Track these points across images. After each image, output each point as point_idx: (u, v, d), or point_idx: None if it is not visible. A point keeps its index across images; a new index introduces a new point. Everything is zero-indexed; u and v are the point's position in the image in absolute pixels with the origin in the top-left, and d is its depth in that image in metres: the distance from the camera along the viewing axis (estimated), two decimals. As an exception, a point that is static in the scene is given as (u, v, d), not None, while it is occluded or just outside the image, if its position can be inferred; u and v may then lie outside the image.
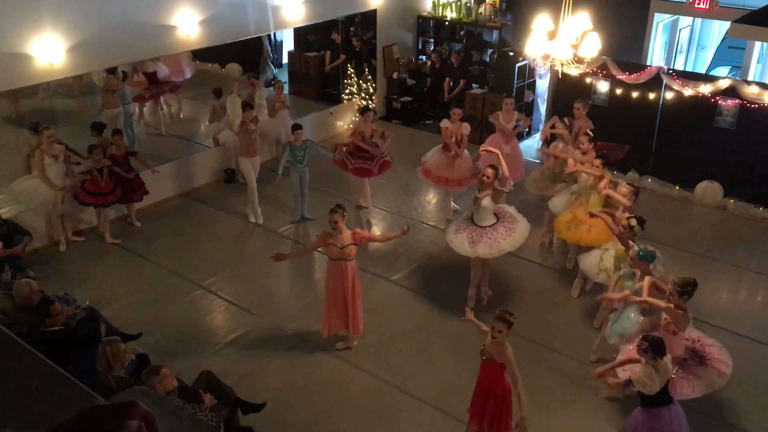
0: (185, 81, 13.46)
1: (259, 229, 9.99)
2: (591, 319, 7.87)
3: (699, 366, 5.93)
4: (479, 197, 7.62)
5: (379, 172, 9.92)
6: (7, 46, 7.85)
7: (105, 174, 9.00)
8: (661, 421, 5.27)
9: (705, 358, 5.98)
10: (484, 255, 7.58)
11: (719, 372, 5.92)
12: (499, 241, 7.54)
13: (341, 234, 6.89)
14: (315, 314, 7.69)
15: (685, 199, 10.82)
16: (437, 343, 7.54)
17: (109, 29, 8.70)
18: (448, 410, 6.51)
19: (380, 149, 9.74)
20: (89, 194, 9.02)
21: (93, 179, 8.96)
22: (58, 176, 8.81)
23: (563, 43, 7.37)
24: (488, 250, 7.54)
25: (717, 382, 5.93)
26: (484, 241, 7.55)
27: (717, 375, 5.92)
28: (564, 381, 6.98)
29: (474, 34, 13.65)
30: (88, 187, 8.99)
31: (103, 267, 8.93)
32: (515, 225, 7.68)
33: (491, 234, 7.58)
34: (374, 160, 9.75)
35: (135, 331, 7.00)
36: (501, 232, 7.59)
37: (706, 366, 5.93)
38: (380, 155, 9.77)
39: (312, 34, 14.04)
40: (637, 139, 10.95)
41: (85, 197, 9.02)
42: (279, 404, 6.50)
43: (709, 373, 5.91)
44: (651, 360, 5.20)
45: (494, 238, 7.55)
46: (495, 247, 7.54)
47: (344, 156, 9.85)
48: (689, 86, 10.37)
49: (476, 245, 7.56)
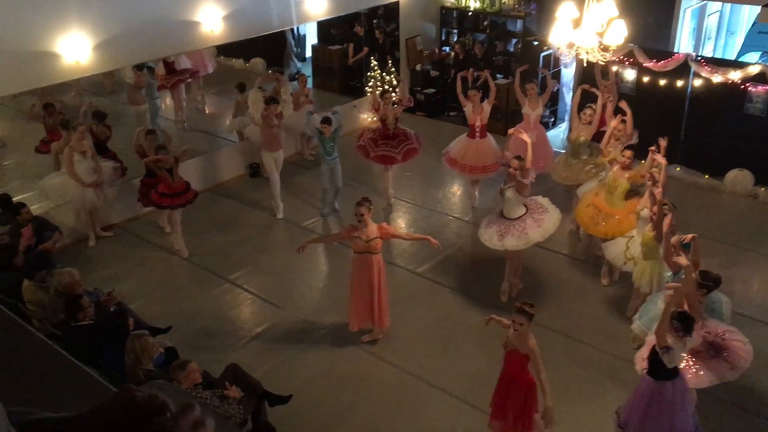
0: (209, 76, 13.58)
1: (283, 223, 10.03)
2: (619, 309, 7.79)
3: (712, 358, 5.83)
4: (504, 189, 7.56)
5: (404, 159, 9.88)
6: (35, 45, 7.95)
7: (175, 173, 8.65)
8: (664, 393, 5.24)
9: (722, 350, 5.86)
10: (512, 247, 7.53)
11: (732, 365, 5.80)
12: (527, 233, 7.47)
13: (367, 227, 6.89)
14: (340, 307, 7.71)
15: (714, 188, 10.64)
16: (462, 335, 7.52)
17: (134, 26, 8.77)
18: (473, 402, 6.50)
19: (409, 135, 9.73)
20: (164, 196, 8.71)
21: (164, 180, 8.65)
22: (88, 172, 8.93)
23: (588, 31, 7.25)
24: (516, 242, 7.49)
25: (728, 374, 5.82)
26: (511, 233, 7.50)
27: (729, 368, 5.80)
28: (592, 373, 6.93)
29: (498, 24, 13.53)
30: (161, 189, 8.68)
31: (132, 262, 9.04)
32: (544, 216, 7.60)
33: (519, 225, 7.52)
34: (399, 147, 9.71)
35: (164, 325, 7.08)
36: (529, 223, 7.52)
37: (719, 359, 5.81)
38: (407, 142, 9.73)
39: (335, 27, 14.04)
40: (665, 128, 10.71)
41: (159, 200, 8.72)
42: (305, 396, 6.54)
43: (720, 365, 5.79)
44: (680, 337, 5.14)
45: (522, 229, 7.48)
46: (523, 238, 7.48)
47: (367, 143, 9.83)
48: (718, 73, 10.18)
49: (504, 238, 7.51)
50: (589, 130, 8.98)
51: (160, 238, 9.54)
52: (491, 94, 9.69)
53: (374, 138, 9.82)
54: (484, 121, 9.67)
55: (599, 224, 7.99)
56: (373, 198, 7.37)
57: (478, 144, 9.68)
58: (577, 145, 9.05)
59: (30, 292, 6.66)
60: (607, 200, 8.01)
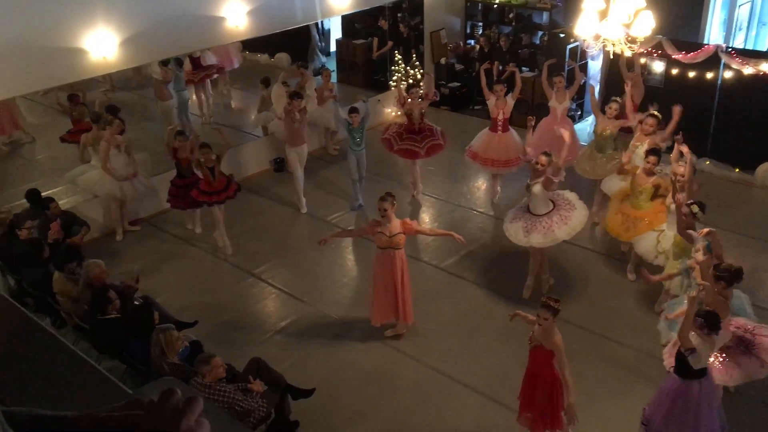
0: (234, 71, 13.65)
1: (307, 217, 10.06)
2: (645, 305, 7.69)
3: (742, 354, 5.71)
4: (530, 185, 7.47)
5: (427, 155, 9.83)
6: (62, 41, 8.05)
7: (216, 171, 8.58)
8: (689, 393, 5.14)
9: (752, 346, 5.75)
10: (537, 244, 7.47)
11: (762, 362, 5.68)
12: (554, 230, 7.38)
13: (390, 222, 6.86)
14: (364, 302, 7.71)
15: (745, 182, 10.44)
16: (486, 330, 7.48)
17: (160, 22, 8.84)
18: (497, 397, 6.46)
19: (434, 131, 9.70)
20: (203, 193, 8.64)
21: (205, 178, 8.61)
22: (122, 166, 9.07)
23: (615, 23, 7.15)
24: (542, 239, 7.41)
25: (758, 372, 5.71)
26: (538, 229, 7.42)
27: (759, 365, 5.69)
28: (618, 369, 6.85)
29: (523, 16, 13.40)
30: (201, 186, 8.65)
31: (158, 256, 9.13)
32: (571, 213, 7.49)
33: (545, 222, 7.42)
34: (423, 142, 9.67)
35: (189, 319, 7.14)
36: (555, 220, 7.42)
37: (749, 355, 5.70)
38: (432, 137, 9.69)
39: (359, 21, 14.01)
40: (694, 121, 10.59)
41: (199, 196, 8.68)
42: (328, 390, 6.56)
43: (750, 362, 5.68)
44: (706, 336, 5.05)
45: (548, 227, 7.39)
46: (549, 236, 7.39)
47: (392, 136, 9.81)
48: (749, 64, 9.97)
49: (530, 234, 7.44)
50: (615, 123, 8.87)
51: (186, 233, 9.61)
52: (516, 89, 9.61)
53: (399, 132, 9.80)
54: (507, 115, 9.60)
55: (630, 230, 7.88)
56: (396, 192, 7.35)
57: (500, 138, 9.62)
58: (603, 138, 8.94)
59: (60, 283, 6.77)
60: (634, 204, 7.91)
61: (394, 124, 10.00)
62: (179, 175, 9.07)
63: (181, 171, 9.05)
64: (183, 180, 9.03)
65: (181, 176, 9.05)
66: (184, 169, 9.01)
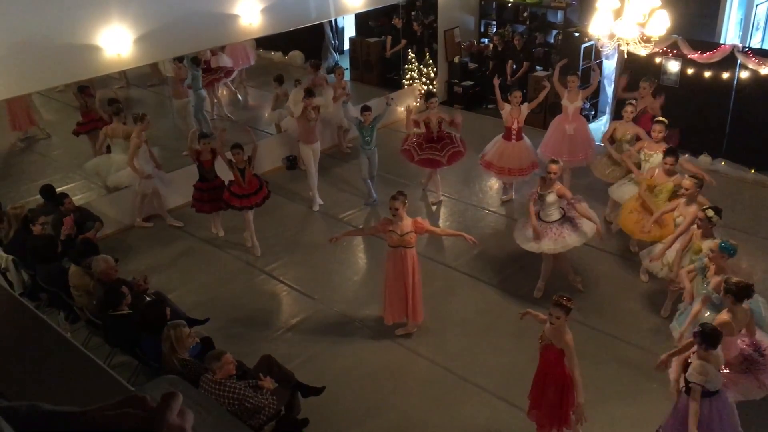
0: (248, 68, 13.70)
1: (320, 215, 10.07)
2: (656, 306, 7.63)
3: (742, 372, 5.60)
4: (543, 194, 7.46)
5: (449, 163, 9.80)
6: (77, 38, 8.10)
7: (247, 173, 8.43)
8: (700, 410, 5.04)
9: (758, 366, 5.63)
10: (548, 250, 7.51)
11: (762, 384, 5.58)
12: (564, 236, 7.43)
13: (402, 221, 6.86)
14: (375, 300, 7.71)
15: (761, 183, 10.34)
16: (498, 330, 7.45)
17: (175, 19, 8.88)
18: (508, 397, 6.44)
19: (454, 139, 9.69)
20: (235, 196, 8.50)
21: (236, 179, 8.43)
22: (147, 161, 9.22)
23: (629, 22, 7.11)
24: (553, 245, 7.46)
25: (754, 392, 5.61)
26: (549, 236, 7.46)
27: (757, 386, 5.58)
28: (629, 370, 6.80)
29: (537, 15, 13.33)
30: (233, 189, 8.50)
31: (171, 252, 9.18)
32: (582, 220, 7.50)
33: (556, 229, 7.47)
34: (443, 150, 9.66)
35: (201, 315, 7.17)
36: (567, 227, 7.48)
37: (749, 374, 5.59)
38: (452, 145, 9.68)
39: (373, 19, 14.01)
40: (709, 121, 10.53)
41: (231, 199, 8.52)
42: (338, 389, 6.56)
43: (749, 381, 5.57)
44: (702, 351, 4.97)
45: (559, 233, 7.44)
46: (560, 242, 7.44)
47: (412, 147, 9.81)
48: (766, 65, 9.87)
49: (541, 240, 7.47)
50: (633, 128, 8.80)
51: (198, 230, 9.65)
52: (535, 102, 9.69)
53: (419, 142, 9.78)
54: (521, 124, 9.56)
55: (645, 228, 7.79)
56: (408, 191, 7.34)
57: (514, 146, 9.58)
58: (625, 142, 8.85)
59: (78, 277, 6.81)
60: (652, 202, 7.84)
61: (412, 134, 9.98)
62: (202, 178, 8.89)
63: (204, 174, 8.84)
64: (206, 183, 8.87)
65: (204, 179, 8.87)
66: (206, 171, 8.81)
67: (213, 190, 8.82)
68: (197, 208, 9.06)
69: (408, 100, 13.22)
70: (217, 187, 8.80)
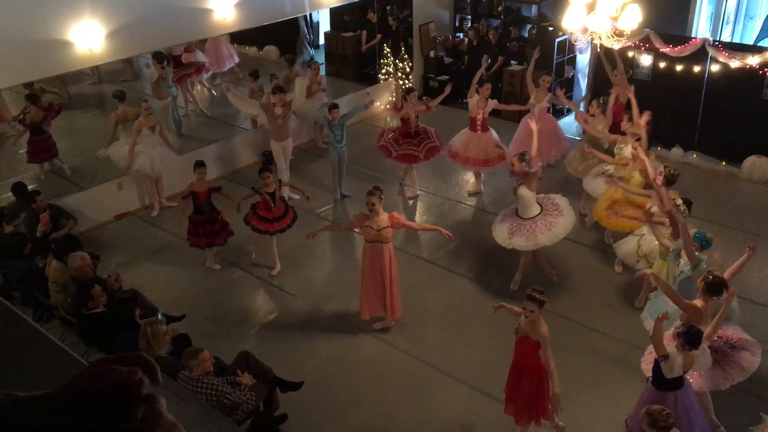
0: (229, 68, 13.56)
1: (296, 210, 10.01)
2: (631, 297, 7.74)
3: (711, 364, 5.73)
4: (516, 187, 7.52)
5: (426, 158, 9.83)
6: (48, 33, 7.99)
7: (277, 196, 8.05)
8: (665, 403, 5.04)
9: (727, 358, 5.73)
10: (519, 247, 7.55)
11: (727, 374, 5.68)
12: (536, 234, 7.43)
13: (378, 216, 6.87)
14: (352, 295, 7.72)
15: (732, 175, 10.51)
16: (474, 323, 7.50)
17: (148, 14, 8.79)
18: (485, 389, 6.49)
19: (430, 134, 9.71)
20: (262, 220, 8.10)
21: (264, 203, 8.03)
22: (154, 146, 9.35)
23: (602, 16, 7.18)
24: (524, 242, 7.49)
25: (721, 383, 5.71)
26: (521, 232, 7.50)
27: (723, 377, 5.68)
28: (604, 361, 6.89)
29: (512, 9, 13.39)
30: (262, 213, 8.08)
31: (146, 249, 9.09)
32: (557, 219, 7.52)
33: (530, 226, 7.48)
34: (421, 146, 9.69)
35: (177, 312, 7.13)
36: (540, 225, 7.48)
37: (716, 366, 5.67)
38: (428, 140, 9.71)
39: (348, 14, 13.97)
40: (681, 114, 10.67)
41: (258, 223, 8.10)
42: (317, 383, 6.56)
43: (716, 372, 5.67)
44: (681, 348, 5.05)
45: (532, 231, 7.45)
46: (531, 240, 7.45)
47: (389, 143, 9.81)
48: (736, 58, 10.01)
49: (513, 236, 7.53)
50: (605, 122, 8.90)
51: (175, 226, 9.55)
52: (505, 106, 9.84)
53: (395, 137, 9.79)
54: (486, 116, 9.66)
55: (611, 217, 7.95)
56: (384, 186, 7.36)
57: (480, 137, 9.68)
58: (596, 138, 8.96)
59: (60, 273, 6.74)
60: (624, 194, 7.95)
61: (388, 130, 9.99)
62: (197, 211, 8.30)
63: (199, 206, 8.25)
64: (201, 216, 8.28)
65: (199, 212, 8.29)
66: (201, 204, 8.23)
67: (208, 224, 8.32)
68: (191, 242, 8.43)
69: (384, 96, 13.23)
70: (213, 221, 8.34)
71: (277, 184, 8.10)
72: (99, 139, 10.50)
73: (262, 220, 8.08)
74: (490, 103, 9.59)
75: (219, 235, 8.41)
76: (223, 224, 8.42)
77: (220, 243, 8.49)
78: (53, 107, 10.11)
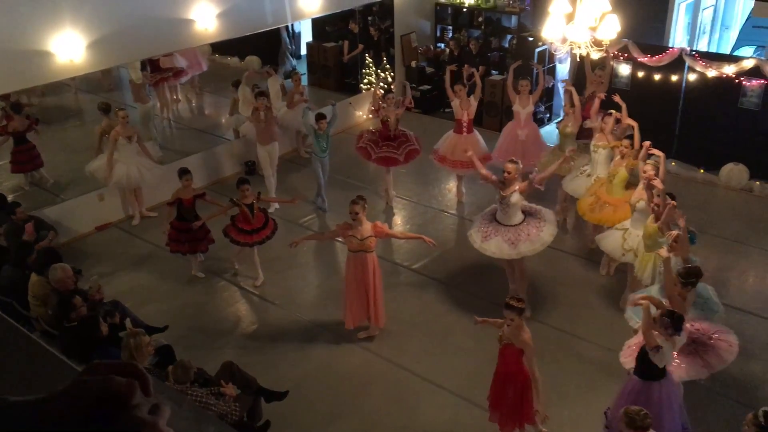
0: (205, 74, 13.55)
1: (279, 220, 10.00)
2: (613, 302, 7.80)
3: (689, 354, 5.79)
4: (505, 195, 7.21)
5: (406, 161, 9.84)
6: (28, 43, 7.94)
7: (255, 210, 7.97)
8: (650, 394, 5.19)
9: (706, 348, 5.84)
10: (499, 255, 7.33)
11: (706, 364, 5.79)
12: (517, 244, 7.21)
13: (362, 225, 6.88)
14: (337, 304, 7.71)
15: (709, 182, 10.66)
16: (459, 331, 7.52)
17: (128, 24, 8.76)
18: (470, 397, 6.51)
19: (410, 137, 9.74)
20: (241, 232, 8.00)
21: (243, 215, 7.92)
22: (131, 156, 9.25)
23: (581, 26, 7.27)
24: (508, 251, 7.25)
25: (700, 373, 5.82)
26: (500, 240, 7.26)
27: (702, 366, 5.79)
28: (587, 367, 6.94)
29: (493, 20, 13.52)
30: (240, 224, 7.98)
31: (128, 260, 9.03)
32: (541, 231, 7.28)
33: (512, 234, 7.25)
34: (400, 148, 9.70)
35: (160, 323, 7.08)
36: (523, 234, 7.24)
37: (695, 356, 5.79)
38: (408, 143, 9.74)
39: (330, 24, 14.01)
40: (660, 122, 10.81)
41: (237, 236, 8.01)
42: (302, 393, 6.55)
43: (695, 362, 5.77)
44: (668, 335, 5.13)
45: (514, 239, 7.22)
46: (505, 250, 7.25)
47: (368, 144, 9.80)
48: (713, 67, 10.19)
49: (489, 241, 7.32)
50: (574, 121, 9.00)
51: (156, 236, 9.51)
52: (477, 89, 9.66)
53: (375, 140, 9.79)
54: (471, 116, 9.72)
55: (594, 212, 8.05)
56: (367, 195, 7.37)
57: (466, 139, 9.70)
58: (564, 135, 9.09)
59: (39, 286, 6.66)
60: (607, 189, 8.06)
61: (366, 132, 10.00)
62: (180, 217, 8.21)
63: (183, 213, 8.17)
64: (184, 224, 8.19)
65: (182, 218, 8.20)
66: (186, 211, 8.15)
67: (190, 231, 8.22)
68: (172, 248, 8.38)
69: (366, 105, 13.27)
70: (197, 229, 8.23)
71: (255, 195, 8.05)
72: (77, 151, 10.45)
73: (240, 233, 8.01)
74: (472, 101, 9.62)
75: (201, 242, 8.38)
76: (206, 231, 8.37)
77: (203, 250, 8.48)
78: (31, 118, 10.05)
